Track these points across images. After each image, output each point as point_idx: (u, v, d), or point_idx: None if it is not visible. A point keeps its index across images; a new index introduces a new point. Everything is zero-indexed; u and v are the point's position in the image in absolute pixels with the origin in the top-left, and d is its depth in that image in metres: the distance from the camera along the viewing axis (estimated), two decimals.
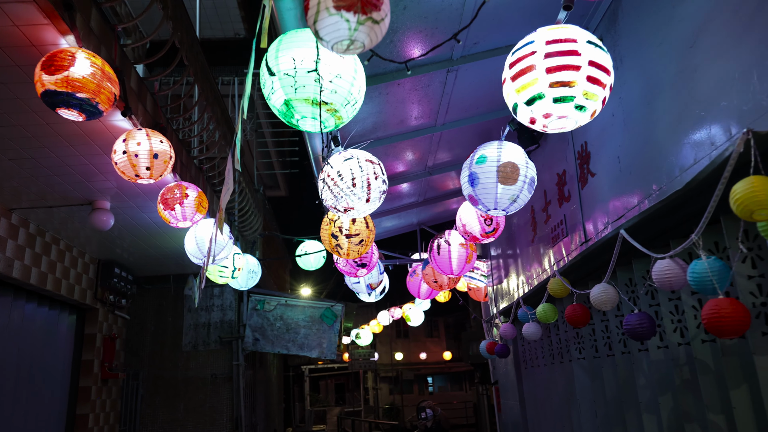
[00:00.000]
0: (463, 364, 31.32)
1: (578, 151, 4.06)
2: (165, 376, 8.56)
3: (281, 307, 9.11)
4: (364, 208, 3.80)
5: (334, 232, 4.62)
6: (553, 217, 4.66)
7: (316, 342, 9.07)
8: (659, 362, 3.13)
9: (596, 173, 3.74)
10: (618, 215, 3.39)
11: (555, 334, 4.88)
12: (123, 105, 3.62)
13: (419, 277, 7.16)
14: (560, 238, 4.45)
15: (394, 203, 6.40)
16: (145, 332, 8.70)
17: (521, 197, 3.37)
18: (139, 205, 5.38)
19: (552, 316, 4.10)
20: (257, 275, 7.10)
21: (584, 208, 3.96)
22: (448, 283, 6.31)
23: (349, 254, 4.69)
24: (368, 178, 3.70)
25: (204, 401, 8.50)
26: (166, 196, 4.49)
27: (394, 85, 3.83)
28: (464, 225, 4.50)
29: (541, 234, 5.00)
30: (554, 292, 3.91)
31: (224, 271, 6.20)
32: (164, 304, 8.86)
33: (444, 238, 5.32)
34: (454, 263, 5.29)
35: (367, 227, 4.71)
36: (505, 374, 6.68)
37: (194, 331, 8.80)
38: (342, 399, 31.80)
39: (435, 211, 7.23)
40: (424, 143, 5.01)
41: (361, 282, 6.38)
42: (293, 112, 2.41)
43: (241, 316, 9.01)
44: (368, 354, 21.13)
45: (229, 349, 8.74)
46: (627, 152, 3.31)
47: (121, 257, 7.22)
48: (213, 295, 8.98)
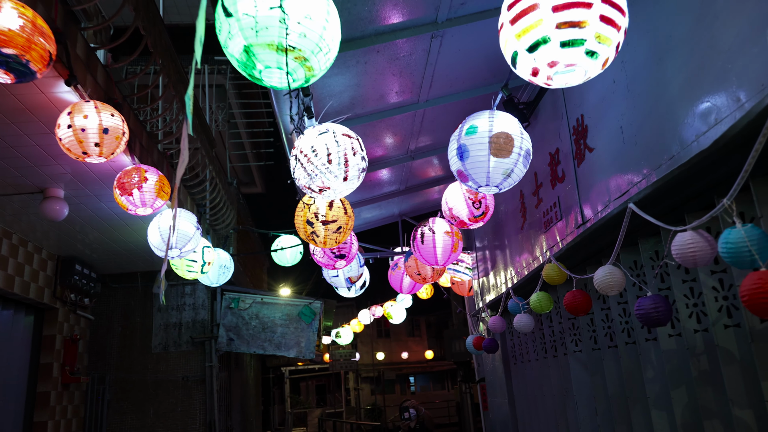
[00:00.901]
0: (445, 363, 31.12)
1: (573, 125, 3.74)
2: (133, 379, 8.09)
3: (257, 305, 8.69)
4: (341, 188, 3.43)
5: (309, 218, 4.24)
6: (545, 201, 4.34)
7: (293, 341, 8.67)
8: (671, 352, 2.82)
9: (595, 148, 3.43)
10: (621, 191, 3.07)
11: (548, 326, 4.57)
12: (67, 73, 3.21)
13: (401, 270, 6.80)
14: (553, 223, 4.13)
15: (374, 192, 6.04)
16: (112, 333, 8.21)
17: (516, 171, 3.04)
18: (96, 193, 4.94)
19: (547, 306, 3.78)
20: (229, 271, 6.69)
21: (581, 188, 3.64)
22: (432, 275, 5.96)
23: (326, 243, 4.32)
24: (345, 153, 3.34)
25: (175, 405, 8.05)
26: (123, 180, 4.07)
27: (373, 53, 3.47)
28: (450, 209, 4.16)
29: (531, 220, 4.68)
30: (550, 278, 3.58)
31: (193, 265, 5.79)
32: (132, 304, 8.38)
33: (428, 225, 4.97)
34: (439, 253, 4.95)
35: (346, 213, 4.35)
36: (492, 371, 6.36)
37: (164, 332, 8.34)
38: (323, 400, 31.40)
39: (418, 201, 6.89)
40: (406, 123, 4.65)
41: (340, 275, 6.01)
42: (254, 60, 2.03)
43: (214, 315, 8.57)
44: (349, 354, 20.82)
45: (201, 350, 8.29)
46: (631, 121, 2.99)
47: (82, 253, 6.74)
48: (184, 294, 8.52)
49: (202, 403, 8.09)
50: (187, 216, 4.97)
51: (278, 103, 3.30)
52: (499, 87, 3.80)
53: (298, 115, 3.15)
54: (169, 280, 8.38)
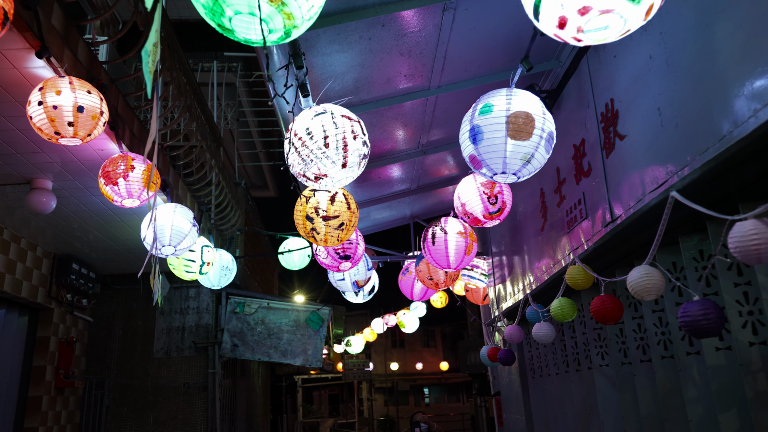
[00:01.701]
0: (460, 374, 30.52)
1: (602, 112, 3.35)
2: (134, 384, 7.79)
3: (263, 310, 8.35)
4: (339, 176, 3.07)
5: (309, 213, 3.89)
6: (568, 198, 3.94)
7: (300, 348, 8.31)
8: (719, 368, 2.40)
9: (627, 135, 3.03)
10: (658, 182, 2.67)
11: (570, 336, 4.14)
12: (39, 44, 2.91)
13: (412, 275, 6.42)
14: (577, 222, 3.73)
15: (384, 190, 5.68)
16: (113, 337, 7.93)
17: (536, 157, 2.66)
18: (86, 185, 4.65)
19: (570, 313, 3.37)
20: (231, 273, 6.37)
21: (610, 181, 3.24)
22: (445, 280, 5.56)
23: (327, 241, 3.96)
24: (344, 137, 2.98)
25: (176, 413, 7.72)
26: (108, 169, 3.76)
27: (377, 26, 3.12)
28: (463, 204, 3.78)
29: (552, 220, 4.27)
30: (574, 282, 3.18)
31: (191, 265, 5.48)
32: (135, 306, 8.10)
33: (440, 226, 4.59)
34: (452, 255, 4.56)
35: (349, 208, 3.99)
36: (508, 384, 5.93)
37: (167, 336, 8.04)
38: (336, 410, 30.96)
39: (431, 201, 6.51)
40: (416, 113, 4.29)
41: (346, 279, 5.64)
42: (222, 5, 1.69)
43: (218, 320, 8.25)
44: (363, 364, 20.46)
45: (204, 355, 7.97)
46: (671, 100, 2.60)
47: (80, 252, 6.47)
48: (188, 297, 8.23)
49: (204, 411, 7.76)
50: (183, 212, 4.66)
51: (271, 77, 2.95)
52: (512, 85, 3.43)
53: (286, 87, 2.80)
54: (172, 282, 8.09)
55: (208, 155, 5.85)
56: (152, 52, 1.91)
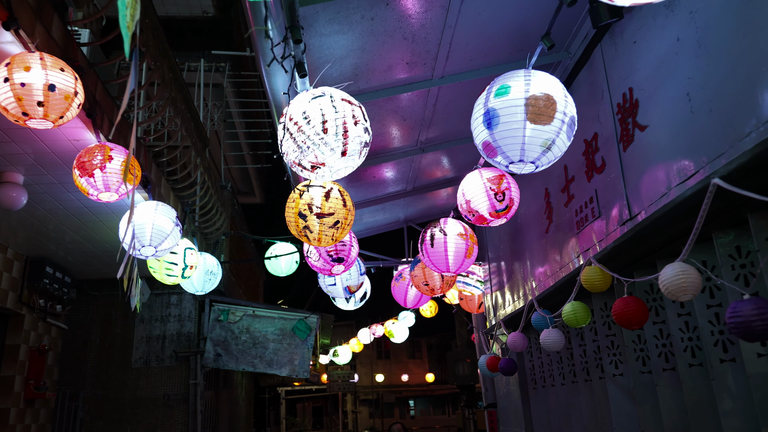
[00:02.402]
0: (446, 386, 30.18)
1: (618, 103, 3.13)
2: (110, 396, 7.40)
3: (248, 318, 8.02)
4: (338, 165, 2.81)
5: (302, 209, 3.62)
6: (577, 197, 3.72)
7: (286, 358, 7.98)
8: (762, 377, 2.17)
9: (648, 125, 2.81)
10: (687, 173, 2.45)
11: (579, 344, 3.90)
12: (6, 14, 2.62)
13: (406, 281, 6.16)
14: (589, 221, 3.50)
15: (378, 191, 5.42)
16: (89, 345, 7.55)
17: (557, 143, 2.42)
18: (61, 180, 4.33)
19: (583, 318, 3.13)
20: (216, 278, 6.07)
21: (628, 176, 3.02)
22: (441, 285, 5.30)
23: (321, 240, 3.69)
24: (345, 122, 2.72)
25: (155, 426, 7.34)
26: (84, 159, 3.47)
27: (381, 5, 2.88)
28: (468, 201, 3.53)
29: (559, 221, 4.04)
30: (591, 284, 2.93)
31: (172, 268, 5.18)
32: (113, 314, 7.73)
33: (439, 227, 4.34)
34: (451, 258, 4.31)
35: (345, 206, 3.72)
36: (506, 396, 5.66)
37: (146, 345, 7.67)
38: (320, 423, 30.47)
39: (426, 205, 6.26)
40: (417, 107, 4.05)
41: (338, 284, 5.36)
42: None
43: (201, 328, 7.90)
44: (348, 375, 20.13)
45: (186, 365, 7.61)
46: (703, 84, 2.38)
47: (55, 254, 6.12)
48: (170, 304, 7.87)
49: (185, 424, 7.38)
50: (165, 210, 4.37)
51: (263, 57, 2.70)
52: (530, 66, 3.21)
53: (284, 57, 2.55)
54: (153, 288, 7.74)
55: (194, 153, 5.55)
56: (130, 4, 1.64)
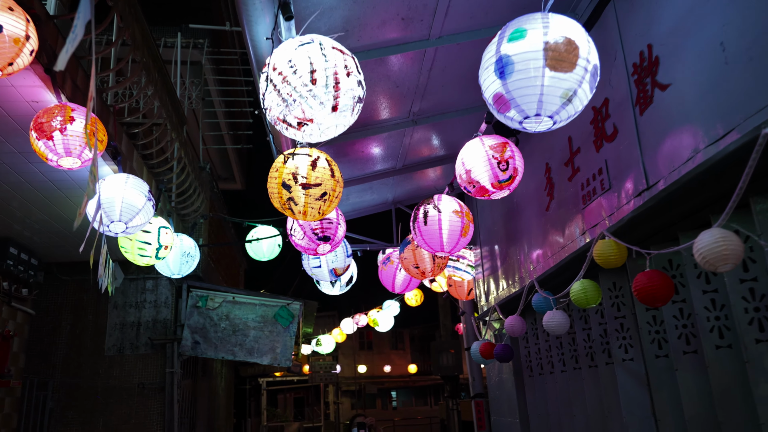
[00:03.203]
0: (428, 377, 30.08)
1: (635, 62, 2.86)
2: (82, 385, 7.04)
3: (227, 304, 7.69)
4: (328, 121, 2.50)
5: (286, 179, 3.31)
6: (583, 170, 3.45)
7: (268, 346, 7.67)
8: None
9: (672, 83, 2.54)
10: (720, 132, 2.18)
11: (582, 328, 3.65)
12: None
13: (394, 264, 5.87)
14: (597, 195, 3.24)
15: (365, 168, 5.12)
16: (59, 332, 7.17)
17: (580, 95, 2.14)
18: (21, 148, 3.96)
19: (594, 297, 2.87)
20: (194, 260, 5.72)
21: (645, 142, 2.76)
22: (432, 268, 5.03)
23: (306, 213, 3.38)
24: (335, 72, 2.41)
25: (129, 416, 7.00)
26: (42, 120, 3.11)
27: None
28: (468, 171, 3.25)
29: (562, 196, 3.78)
30: (605, 259, 2.67)
31: (146, 248, 4.83)
32: (85, 299, 7.35)
33: (432, 203, 4.06)
34: (445, 236, 4.03)
35: (333, 176, 3.42)
36: (498, 384, 5.42)
37: (120, 332, 7.30)
38: (301, 414, 30.16)
39: (415, 185, 5.97)
40: (410, 71, 3.75)
41: (323, 265, 5.06)
42: None
43: (178, 315, 7.55)
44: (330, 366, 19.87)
45: (162, 353, 7.26)
46: (743, 31, 2.11)
47: (20, 234, 5.72)
48: (145, 289, 7.51)
49: (161, 415, 7.05)
50: (136, 183, 4.03)
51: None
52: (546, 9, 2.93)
53: None
54: (127, 273, 7.37)
55: (169, 127, 5.19)
56: None
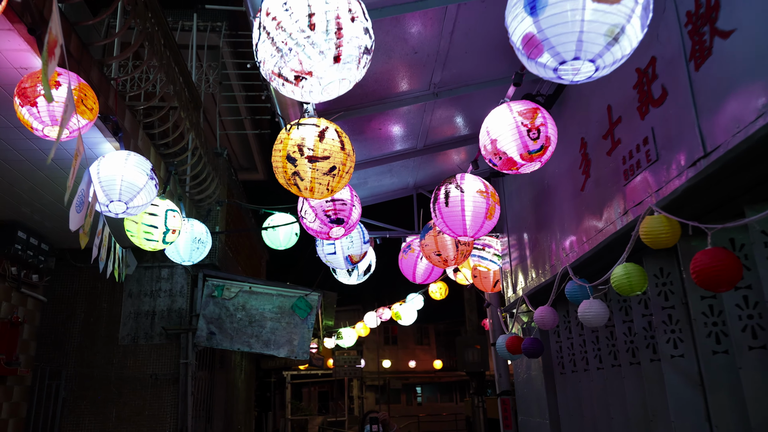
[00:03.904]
0: (454, 373, 29.68)
1: (688, 11, 2.46)
2: (95, 375, 6.87)
3: (244, 294, 7.44)
4: (330, 74, 2.16)
5: (291, 152, 3.00)
6: (625, 142, 3.06)
7: (285, 338, 7.41)
8: None
9: (736, 27, 2.14)
10: None
11: (622, 320, 3.25)
12: None
13: (415, 252, 5.53)
14: (642, 168, 2.85)
15: (384, 148, 4.78)
16: (73, 320, 7.01)
17: (629, 33, 1.76)
18: (16, 123, 3.72)
19: (639, 284, 2.49)
20: (205, 246, 5.48)
21: (701, 102, 2.36)
22: (455, 256, 4.67)
23: (314, 190, 3.06)
24: (338, 16, 2.08)
25: (142, 407, 6.81)
26: (25, 85, 2.85)
27: None
28: (494, 141, 2.88)
29: (599, 174, 3.39)
30: (655, 237, 2.28)
31: (152, 232, 4.60)
32: (99, 287, 7.18)
33: (455, 183, 3.71)
34: (469, 219, 3.68)
35: (342, 149, 3.10)
36: (525, 382, 5.04)
37: (135, 321, 7.12)
38: (325, 408, 30.11)
39: (438, 169, 5.61)
40: (430, 35, 3.39)
41: (338, 252, 4.76)
42: None
43: (193, 304, 7.34)
44: (354, 360, 19.70)
45: (176, 344, 7.06)
46: None
47: (29, 218, 5.53)
48: (160, 278, 7.31)
49: (174, 406, 6.85)
50: (137, 161, 3.78)
51: None
52: None
53: None
54: (142, 260, 7.18)
55: (178, 104, 4.93)
56: None
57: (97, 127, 3.78)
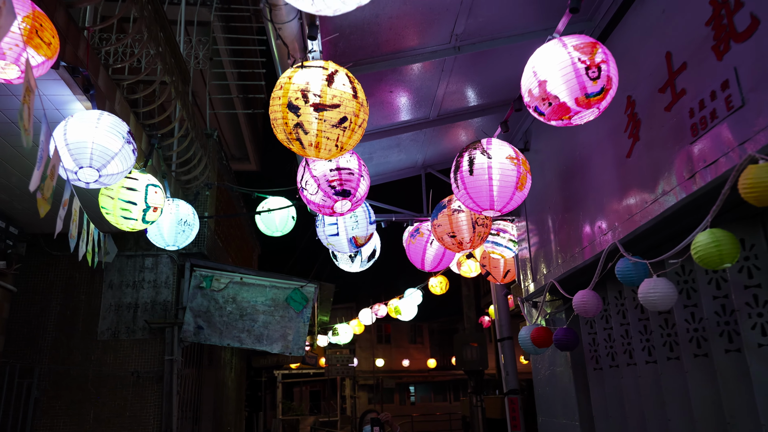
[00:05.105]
0: (448, 372, 29.24)
1: None
2: (71, 373, 6.30)
3: (235, 285, 6.91)
4: None
5: (293, 99, 2.48)
6: (692, 91, 2.56)
7: (279, 333, 6.88)
8: None
9: None
10: None
11: (683, 304, 2.76)
12: None
13: (424, 237, 5.03)
14: (716, 120, 2.35)
15: (393, 116, 4.25)
16: (47, 313, 6.44)
17: None
18: None
19: (731, 252, 1.98)
20: (192, 229, 4.95)
21: None
22: (471, 238, 4.17)
23: (320, 146, 2.54)
24: None
25: (123, 408, 6.25)
26: None
27: None
28: (543, 83, 2.37)
29: (652, 135, 2.89)
30: (761, 191, 1.78)
31: (130, 209, 4.06)
32: (77, 277, 6.61)
33: (480, 148, 3.21)
34: (496, 189, 3.17)
35: (355, 97, 2.58)
36: (547, 379, 4.54)
37: (115, 314, 6.56)
38: (317, 408, 29.60)
39: (452, 144, 5.09)
40: None
41: (341, 233, 4.24)
42: None
43: (180, 296, 6.79)
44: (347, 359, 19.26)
45: (161, 339, 6.51)
46: None
47: None
48: (144, 268, 6.75)
49: (158, 407, 6.30)
50: (111, 122, 3.25)
51: None
52: None
53: None
54: (124, 248, 6.63)
55: (160, 65, 4.39)
56: None
57: (64, 80, 3.24)
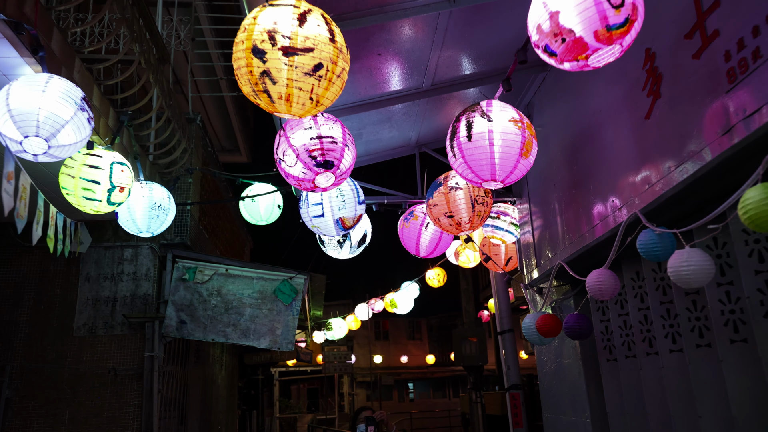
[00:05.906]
0: (446, 369, 28.93)
1: None
2: (45, 371, 5.93)
3: (219, 277, 6.52)
4: None
5: (258, 41, 2.08)
6: (726, 33, 2.18)
7: (266, 327, 6.50)
8: None
9: None
10: None
11: (716, 282, 2.39)
12: None
13: (419, 220, 4.65)
14: (760, 60, 1.98)
15: (382, 85, 3.86)
16: (20, 307, 6.08)
17: None
18: None
19: None
20: (167, 214, 4.56)
21: None
22: (470, 218, 3.78)
23: (291, 99, 2.14)
24: None
25: (100, 408, 5.88)
26: None
27: None
28: (554, 15, 1.98)
29: (677, 90, 2.51)
30: None
31: (93, 189, 3.67)
32: (52, 270, 6.24)
33: (479, 110, 2.83)
34: (498, 157, 2.79)
35: (332, 41, 2.19)
36: (554, 372, 4.17)
37: (92, 309, 6.19)
38: (315, 405, 29.25)
39: (446, 120, 4.71)
40: None
41: (326, 214, 3.85)
42: None
43: (161, 289, 6.42)
44: (344, 356, 18.94)
45: (141, 334, 6.14)
46: None
47: None
48: (123, 260, 6.37)
49: (138, 406, 5.92)
50: (62, 86, 2.86)
51: None
52: None
53: None
54: (101, 239, 6.25)
55: (126, 31, 3.99)
56: None
57: (7, 38, 2.85)
